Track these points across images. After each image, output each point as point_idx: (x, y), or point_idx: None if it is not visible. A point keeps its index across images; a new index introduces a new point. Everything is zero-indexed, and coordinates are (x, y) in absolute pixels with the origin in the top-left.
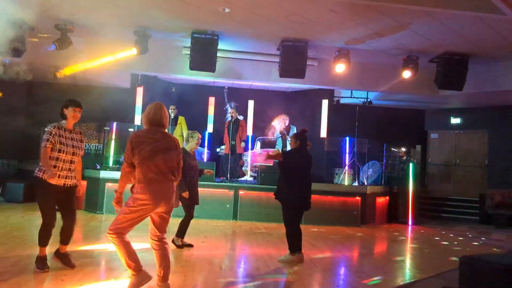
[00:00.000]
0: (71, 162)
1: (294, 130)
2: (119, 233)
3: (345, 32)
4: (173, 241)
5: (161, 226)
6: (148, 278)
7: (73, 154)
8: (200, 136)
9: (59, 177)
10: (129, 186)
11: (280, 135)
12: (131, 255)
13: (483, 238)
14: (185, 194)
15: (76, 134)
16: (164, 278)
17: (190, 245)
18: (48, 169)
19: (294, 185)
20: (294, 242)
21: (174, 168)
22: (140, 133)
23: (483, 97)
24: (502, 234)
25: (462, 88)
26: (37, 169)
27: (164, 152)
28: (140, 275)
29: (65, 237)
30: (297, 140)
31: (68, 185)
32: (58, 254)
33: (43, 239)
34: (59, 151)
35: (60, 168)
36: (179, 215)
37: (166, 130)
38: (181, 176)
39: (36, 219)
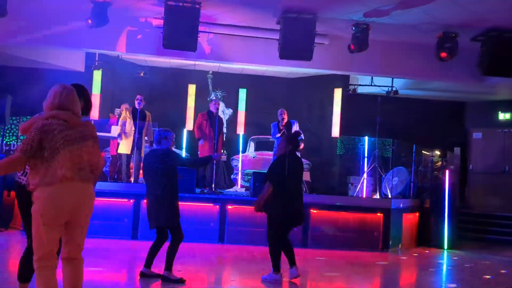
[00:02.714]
0: None
1: (296, 126)
2: (41, 258)
3: (364, 1)
4: (164, 279)
5: (76, 239)
6: None
7: None
8: (174, 135)
9: None
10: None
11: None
12: None
13: None
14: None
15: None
16: None
17: (159, 276)
18: None
19: (283, 195)
20: (279, 260)
21: (94, 163)
22: (49, 119)
23: None
24: None
25: None
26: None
27: (79, 142)
28: None
29: None
30: (289, 145)
31: None
32: None
33: (25, 271)
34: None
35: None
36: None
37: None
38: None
39: None
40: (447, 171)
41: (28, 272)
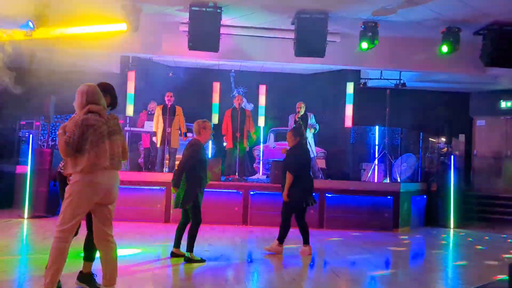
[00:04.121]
0: None
1: (313, 119)
2: (62, 231)
3: (372, 1)
4: (188, 259)
5: (106, 220)
6: None
7: None
8: (212, 124)
9: None
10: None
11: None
12: (51, 270)
13: None
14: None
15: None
16: (108, 281)
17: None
18: None
19: (301, 181)
20: (286, 234)
21: (119, 153)
22: (88, 116)
23: None
24: None
25: None
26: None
27: (111, 136)
28: None
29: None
30: (297, 137)
31: None
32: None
33: (91, 252)
34: None
35: None
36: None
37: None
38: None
39: (11, 228)
40: (452, 157)
41: (92, 252)
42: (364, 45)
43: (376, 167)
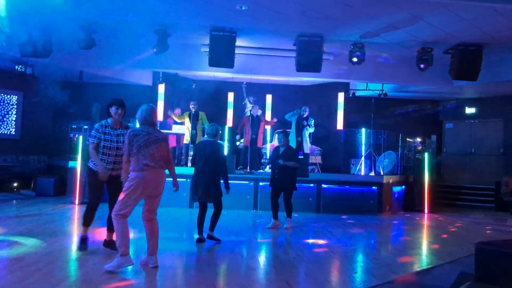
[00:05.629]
0: (116, 155)
1: (311, 121)
2: (122, 215)
3: (360, 26)
4: (209, 237)
5: (151, 207)
6: (128, 263)
7: (117, 149)
8: None
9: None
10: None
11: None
12: (124, 239)
13: (498, 225)
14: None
15: (124, 130)
16: (152, 251)
17: (208, 236)
18: (97, 162)
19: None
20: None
21: (165, 157)
22: (135, 129)
23: (498, 87)
24: None
25: (476, 78)
26: (90, 161)
27: (155, 143)
28: (124, 258)
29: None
30: (288, 139)
31: (113, 175)
32: (107, 244)
33: (87, 220)
34: (103, 146)
35: (105, 161)
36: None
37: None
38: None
39: (66, 212)
40: (426, 154)
41: (89, 221)
42: (355, 60)
43: (363, 162)
